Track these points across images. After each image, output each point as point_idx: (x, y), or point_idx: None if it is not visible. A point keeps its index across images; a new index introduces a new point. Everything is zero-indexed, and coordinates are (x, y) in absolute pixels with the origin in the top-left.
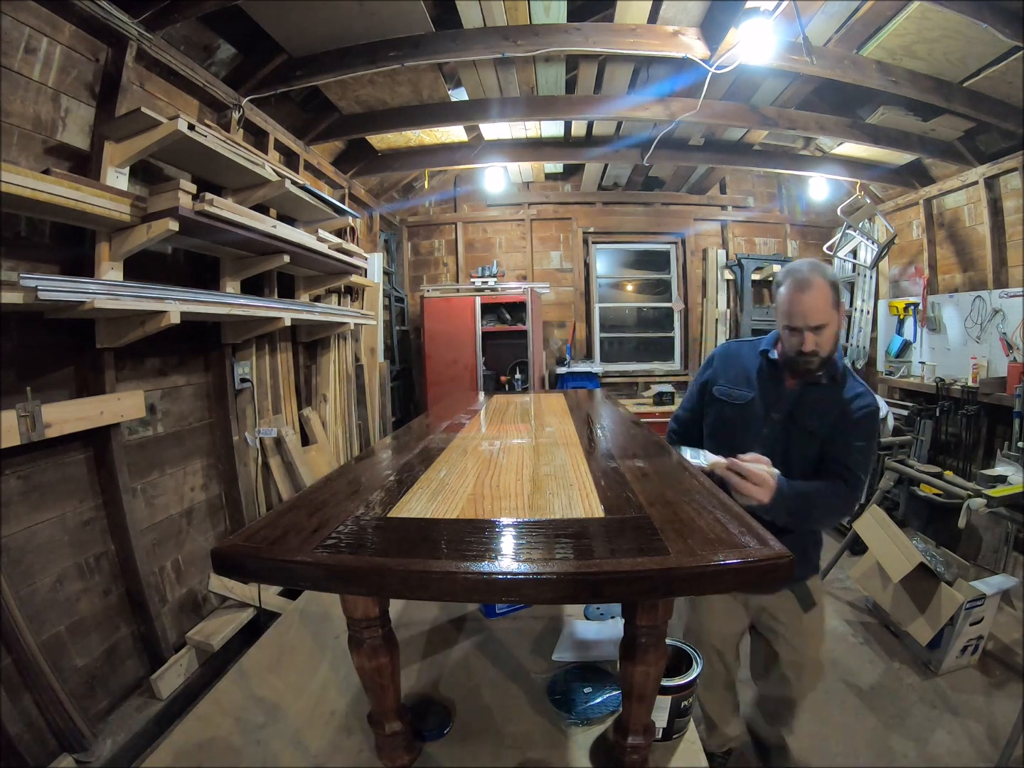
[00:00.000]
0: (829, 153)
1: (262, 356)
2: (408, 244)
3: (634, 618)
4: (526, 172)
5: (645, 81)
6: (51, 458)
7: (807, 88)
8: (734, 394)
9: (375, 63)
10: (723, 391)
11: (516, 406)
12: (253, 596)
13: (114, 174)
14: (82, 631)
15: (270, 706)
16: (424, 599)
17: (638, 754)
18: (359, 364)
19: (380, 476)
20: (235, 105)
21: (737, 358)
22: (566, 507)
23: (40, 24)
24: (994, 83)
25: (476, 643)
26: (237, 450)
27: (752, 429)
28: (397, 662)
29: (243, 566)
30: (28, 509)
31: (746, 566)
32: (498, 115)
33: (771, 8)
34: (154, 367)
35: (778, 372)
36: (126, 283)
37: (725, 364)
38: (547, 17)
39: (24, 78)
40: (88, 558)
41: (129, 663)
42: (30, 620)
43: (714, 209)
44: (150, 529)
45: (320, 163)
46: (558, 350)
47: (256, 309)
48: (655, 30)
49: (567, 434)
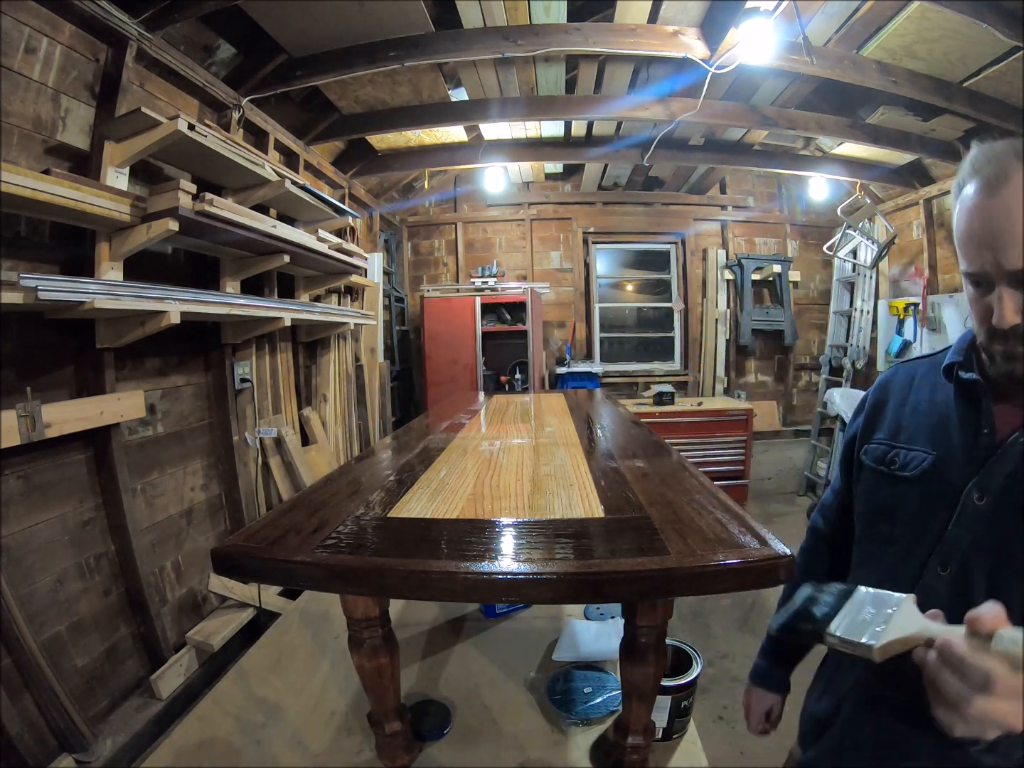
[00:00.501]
0: (829, 153)
1: (262, 356)
2: (408, 244)
3: (634, 618)
4: (526, 172)
5: (645, 81)
6: (51, 458)
7: (807, 88)
8: (899, 456)
9: (375, 63)
10: (877, 452)
11: (516, 406)
12: (253, 596)
13: (114, 174)
14: (82, 631)
15: (270, 706)
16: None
17: (638, 754)
18: (359, 364)
19: (380, 476)
20: (235, 105)
21: (907, 390)
22: (566, 507)
23: (40, 24)
24: (994, 83)
25: (476, 643)
26: (237, 450)
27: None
28: (397, 662)
29: (243, 566)
30: (28, 509)
31: (746, 566)
32: (498, 115)
33: (771, 8)
34: (154, 367)
35: (979, 402)
36: (126, 283)
37: (887, 402)
38: (547, 17)
39: (24, 78)
40: (88, 558)
41: (129, 663)
42: (30, 620)
43: (714, 209)
44: (150, 529)
45: (320, 163)
46: (558, 350)
47: (256, 309)
48: (655, 30)
49: (567, 434)
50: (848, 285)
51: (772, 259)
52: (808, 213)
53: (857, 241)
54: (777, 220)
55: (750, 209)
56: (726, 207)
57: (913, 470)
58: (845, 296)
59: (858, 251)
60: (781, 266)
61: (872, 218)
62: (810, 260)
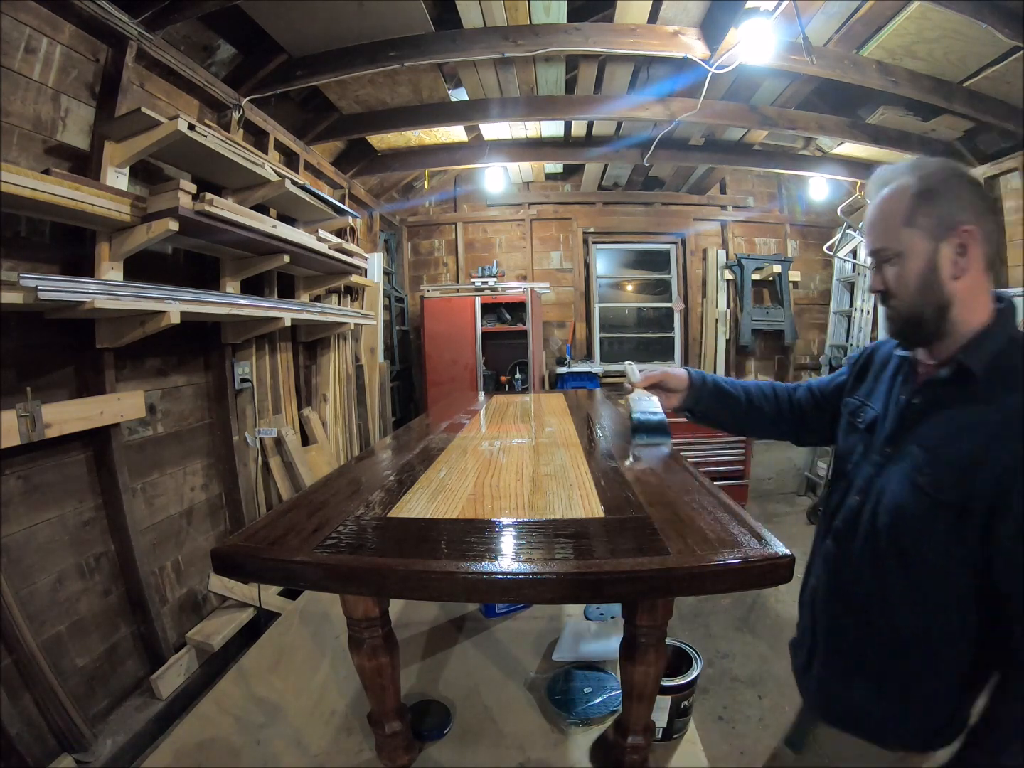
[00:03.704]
0: (829, 153)
1: (262, 356)
2: (408, 244)
3: (634, 618)
4: (526, 172)
5: (645, 81)
6: (51, 458)
7: (807, 88)
8: (864, 412)
9: (375, 63)
10: (853, 406)
11: (516, 406)
12: (253, 596)
13: (114, 174)
14: (82, 631)
15: (270, 706)
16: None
17: (638, 754)
18: (359, 364)
19: (380, 476)
20: (235, 105)
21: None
22: (566, 507)
23: (40, 24)
24: (994, 83)
25: (476, 643)
26: (237, 450)
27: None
28: (397, 662)
29: (243, 566)
30: (28, 509)
31: (746, 566)
32: (498, 115)
33: (771, 8)
34: (154, 367)
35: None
36: (126, 283)
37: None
38: (547, 17)
39: (24, 78)
40: (88, 558)
41: (129, 663)
42: (30, 620)
43: (714, 209)
44: (150, 529)
45: (320, 163)
46: (558, 350)
47: (256, 309)
48: (655, 30)
49: (567, 434)
50: (848, 285)
51: (772, 259)
52: (808, 213)
53: (857, 241)
54: (777, 220)
55: (750, 209)
56: (726, 207)
57: (863, 423)
58: (845, 296)
59: (858, 251)
60: (781, 266)
61: None
62: (810, 260)
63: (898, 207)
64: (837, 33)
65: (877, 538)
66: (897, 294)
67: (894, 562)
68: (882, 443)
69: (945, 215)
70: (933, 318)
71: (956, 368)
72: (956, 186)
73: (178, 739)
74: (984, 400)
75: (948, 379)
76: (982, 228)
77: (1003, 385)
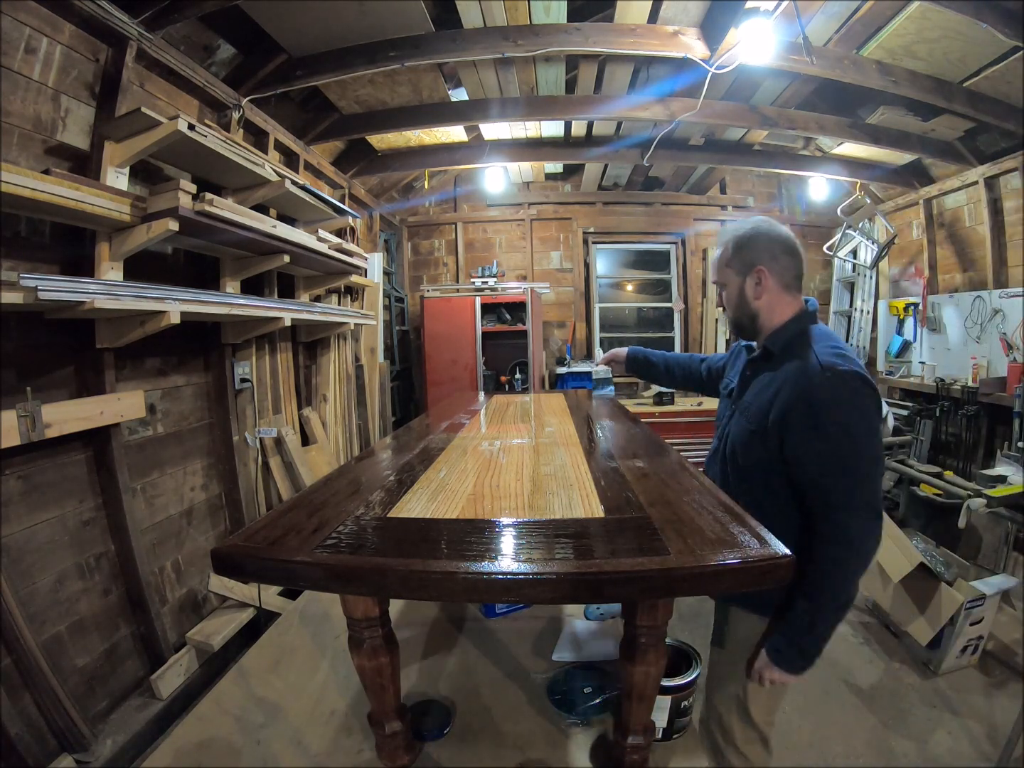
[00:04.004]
0: (829, 153)
1: (262, 356)
2: (408, 244)
3: (634, 618)
4: (526, 172)
5: (645, 81)
6: (51, 458)
7: (807, 88)
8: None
9: (375, 63)
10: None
11: (516, 406)
12: (253, 596)
13: (114, 174)
14: (82, 631)
15: (270, 706)
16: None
17: (638, 754)
18: (359, 364)
19: (380, 476)
20: (235, 105)
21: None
22: (566, 507)
23: (40, 24)
24: (994, 83)
25: (476, 643)
26: (237, 450)
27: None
28: (397, 662)
29: (243, 566)
30: (28, 509)
31: (746, 566)
32: (498, 115)
33: (771, 8)
34: (154, 367)
35: (745, 355)
36: (126, 283)
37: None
38: (547, 17)
39: (24, 78)
40: (88, 558)
41: (129, 663)
42: (30, 620)
43: (714, 209)
44: (150, 529)
45: (320, 163)
46: (558, 350)
47: (256, 309)
48: (655, 30)
49: (567, 434)
50: (848, 285)
51: None
52: (808, 213)
53: (857, 241)
54: (777, 220)
55: (750, 209)
56: (726, 207)
57: (726, 391)
58: (845, 296)
59: (858, 251)
60: None
61: (872, 218)
62: (810, 260)
63: (724, 255)
64: (837, 33)
65: (727, 461)
66: (727, 309)
67: (737, 475)
68: (731, 401)
69: (747, 260)
70: (748, 323)
71: (763, 350)
72: (755, 241)
73: (178, 739)
74: (777, 367)
75: (760, 357)
76: (771, 267)
77: (788, 358)
